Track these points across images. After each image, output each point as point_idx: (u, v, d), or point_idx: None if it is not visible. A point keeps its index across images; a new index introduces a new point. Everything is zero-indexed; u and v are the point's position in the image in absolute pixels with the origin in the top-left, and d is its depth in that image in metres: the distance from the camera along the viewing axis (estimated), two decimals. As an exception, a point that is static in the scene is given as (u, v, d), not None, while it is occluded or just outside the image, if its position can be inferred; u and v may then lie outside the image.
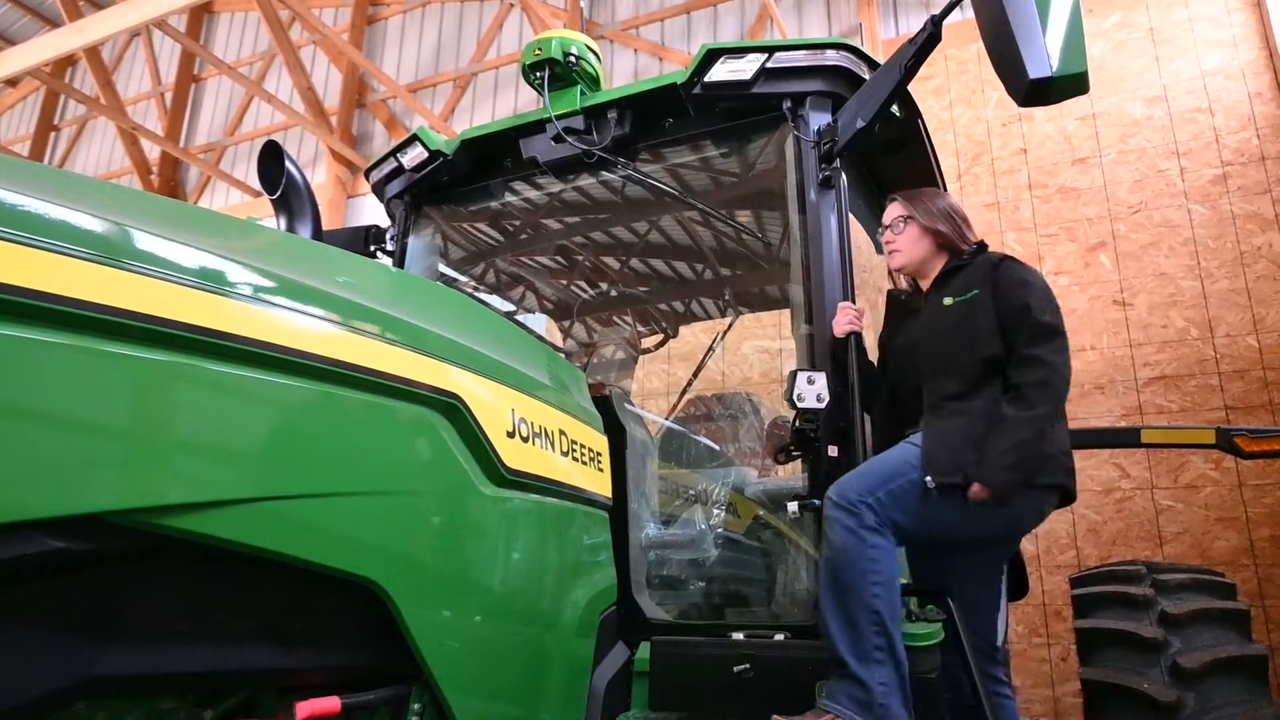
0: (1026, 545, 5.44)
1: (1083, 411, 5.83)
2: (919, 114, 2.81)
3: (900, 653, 1.95)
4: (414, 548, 1.44)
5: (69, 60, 11.62)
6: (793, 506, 2.21)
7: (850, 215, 2.58)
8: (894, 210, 2.55)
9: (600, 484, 2.26)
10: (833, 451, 2.28)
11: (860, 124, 2.40)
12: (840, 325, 2.37)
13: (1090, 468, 5.76)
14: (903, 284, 2.79)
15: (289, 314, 1.27)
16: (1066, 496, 2.28)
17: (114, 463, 0.95)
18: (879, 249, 3.36)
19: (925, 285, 2.52)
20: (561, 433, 2.03)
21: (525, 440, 1.82)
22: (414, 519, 1.44)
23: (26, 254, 0.91)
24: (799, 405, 2.23)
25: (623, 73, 8.35)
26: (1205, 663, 2.70)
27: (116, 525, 0.96)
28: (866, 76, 2.59)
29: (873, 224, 3.16)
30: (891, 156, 2.96)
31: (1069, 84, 1.90)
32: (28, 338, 0.91)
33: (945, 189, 3.32)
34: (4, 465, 0.85)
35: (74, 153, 12.22)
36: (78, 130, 12.30)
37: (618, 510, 2.36)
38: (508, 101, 9.05)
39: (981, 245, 2.48)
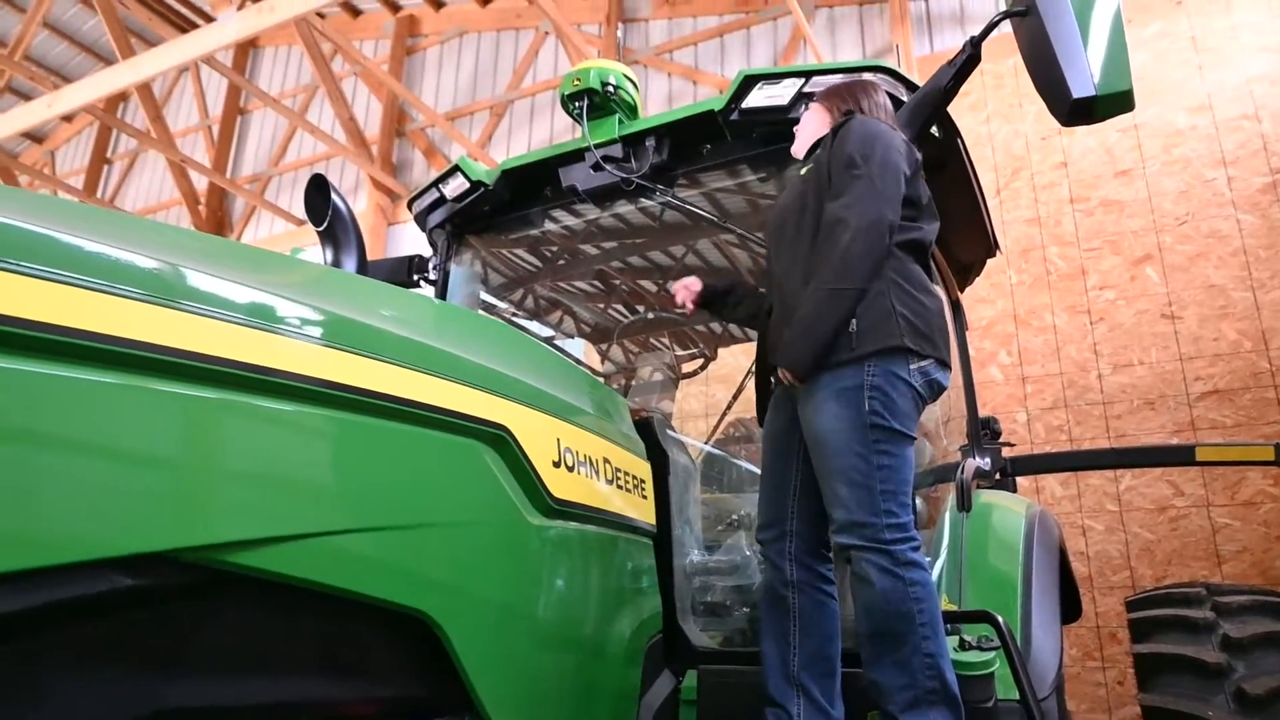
0: (1078, 566, 5.32)
1: (1133, 428, 5.70)
2: (958, 133, 2.79)
3: (953, 688, 1.84)
4: (465, 580, 1.45)
5: (121, 96, 12.00)
6: (838, 534, 2.18)
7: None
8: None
9: (644, 511, 2.26)
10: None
11: (899, 146, 2.39)
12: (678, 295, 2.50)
13: (1142, 485, 5.63)
14: None
15: (337, 349, 1.30)
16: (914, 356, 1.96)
17: (178, 500, 0.97)
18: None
19: None
20: (605, 460, 2.04)
21: (570, 469, 1.83)
22: (464, 551, 1.46)
23: (81, 295, 0.93)
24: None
25: (657, 97, 8.42)
26: (1271, 689, 2.61)
27: (180, 561, 0.98)
28: (904, 98, 2.58)
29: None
30: (931, 176, 2.94)
31: (1113, 102, 1.88)
32: (90, 379, 0.93)
33: (986, 206, 3.29)
34: (76, 504, 0.88)
35: (125, 185, 12.60)
36: (129, 163, 12.69)
37: (662, 537, 2.36)
38: (544, 127, 9.16)
39: (848, 113, 2.19)
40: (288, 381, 1.17)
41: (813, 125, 2.34)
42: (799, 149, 2.37)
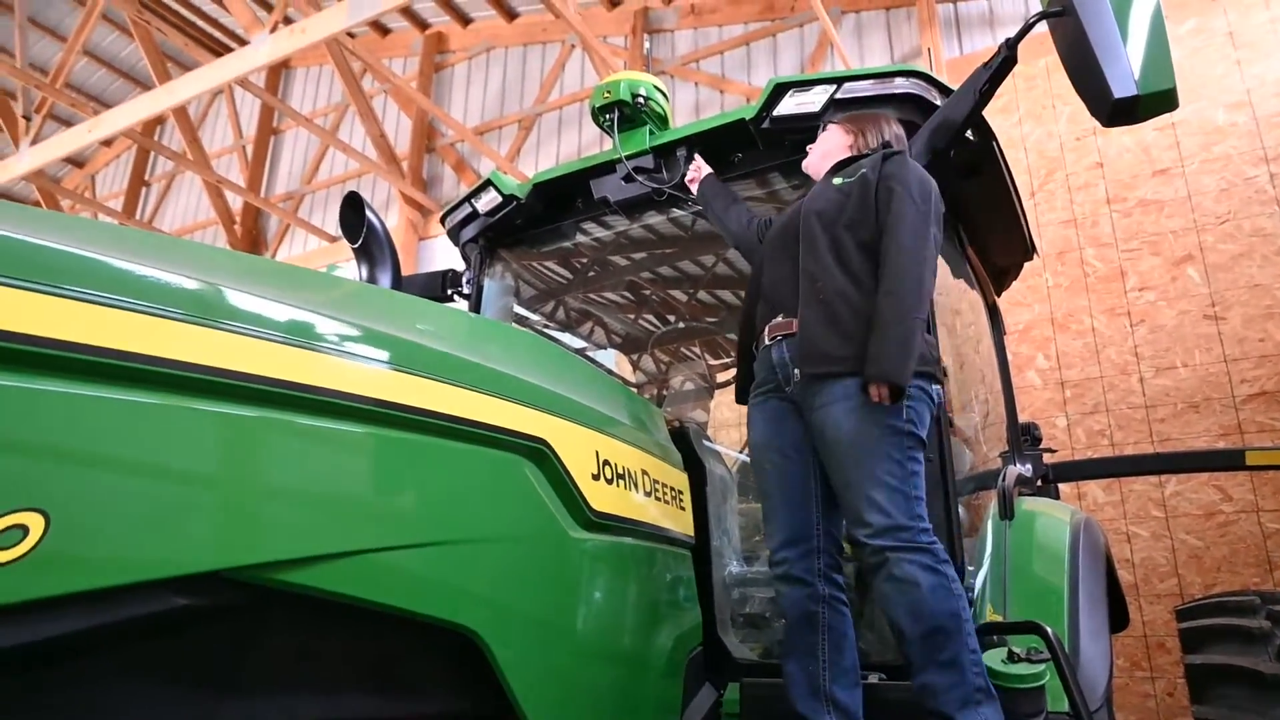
0: (1123, 574, 5.21)
1: (1177, 432, 5.58)
2: (993, 136, 2.76)
3: (992, 687, 1.88)
4: (508, 594, 1.45)
5: (158, 119, 12.26)
6: (881, 542, 2.15)
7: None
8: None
9: (682, 523, 2.25)
10: (919, 485, 2.22)
11: (934, 150, 2.37)
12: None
13: (1189, 490, 5.50)
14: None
15: (377, 366, 1.31)
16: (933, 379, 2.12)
17: (231, 519, 0.98)
18: (955, 273, 3.30)
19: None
20: (644, 472, 2.03)
21: (609, 482, 1.82)
22: (507, 566, 1.46)
23: (123, 318, 0.94)
24: (882, 438, 2.18)
25: (684, 106, 8.43)
26: (1332, 701, 2.53)
27: (233, 581, 0.99)
28: (938, 102, 2.56)
29: (950, 250, 3.10)
30: (966, 181, 2.91)
31: (1156, 101, 1.84)
32: (139, 401, 0.95)
33: (1023, 210, 3.25)
34: (133, 525, 0.89)
35: (163, 206, 12.86)
36: (167, 185, 12.95)
37: (700, 548, 2.35)
38: (572, 140, 9.21)
39: (885, 144, 2.33)
40: (330, 399, 1.18)
41: (833, 145, 2.40)
42: (817, 168, 2.42)
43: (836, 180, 2.24)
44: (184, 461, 0.95)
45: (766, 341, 2.24)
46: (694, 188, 2.78)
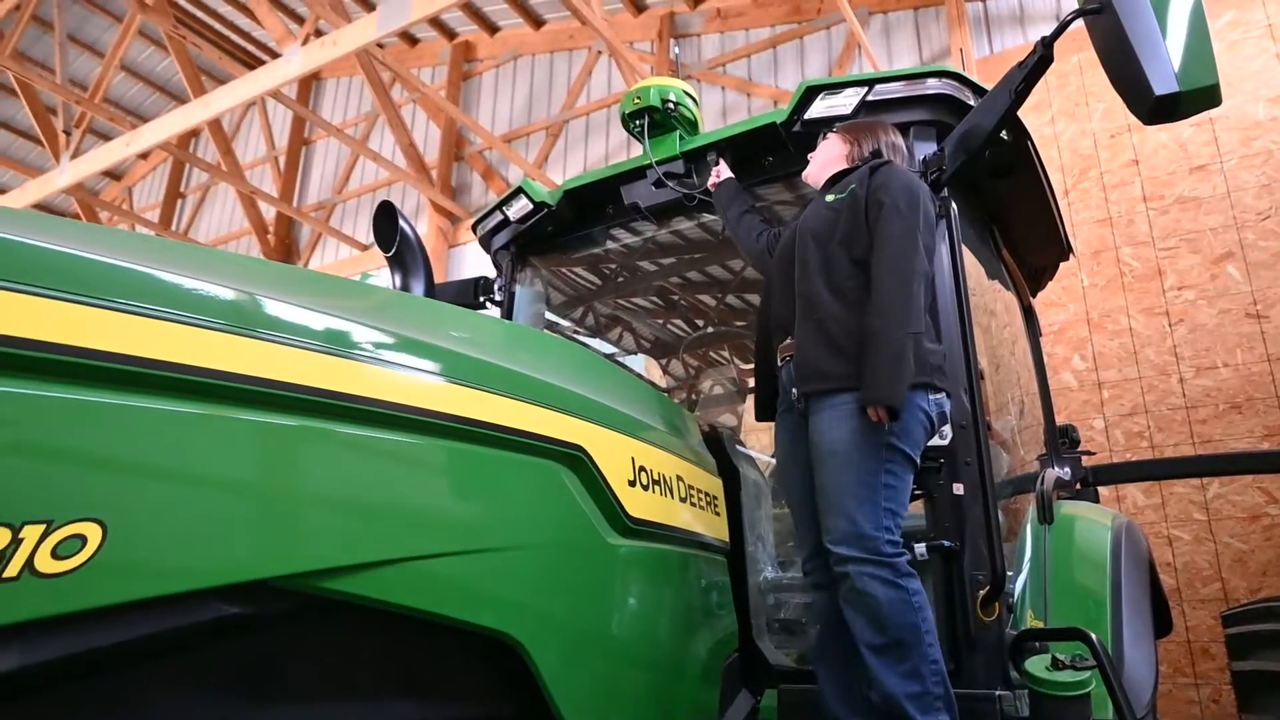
0: (1166, 578, 5.10)
1: (1219, 433, 5.46)
2: (1028, 135, 2.72)
3: (952, 694, 1.91)
4: (547, 601, 1.45)
5: (193, 132, 12.48)
6: (921, 549, 2.13)
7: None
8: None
9: (717, 528, 2.24)
10: (958, 490, 2.20)
11: (968, 151, 2.34)
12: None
13: (1232, 493, 5.38)
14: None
15: (415, 374, 1.32)
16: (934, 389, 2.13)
17: (277, 528, 1.00)
18: (990, 275, 3.26)
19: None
20: (679, 478, 2.03)
21: (645, 488, 1.82)
22: (546, 573, 1.46)
23: (169, 329, 0.96)
24: (921, 443, 2.16)
25: (710, 110, 8.42)
26: (1387, 710, 2.47)
27: (278, 589, 1.00)
28: (972, 102, 2.53)
29: (984, 251, 3.07)
30: (1000, 181, 2.87)
31: (1198, 98, 1.81)
32: (188, 412, 0.96)
33: (1058, 209, 3.20)
34: (186, 535, 0.90)
35: (199, 217, 13.08)
36: (201, 196, 13.18)
37: (735, 554, 2.34)
38: (599, 146, 9.23)
39: (875, 153, 2.35)
40: (372, 408, 1.19)
41: (831, 156, 2.42)
42: (816, 177, 2.45)
43: (829, 197, 2.28)
44: (232, 471, 0.97)
45: (779, 363, 2.30)
46: (711, 185, 2.81)
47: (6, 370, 0.81)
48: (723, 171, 2.79)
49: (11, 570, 0.74)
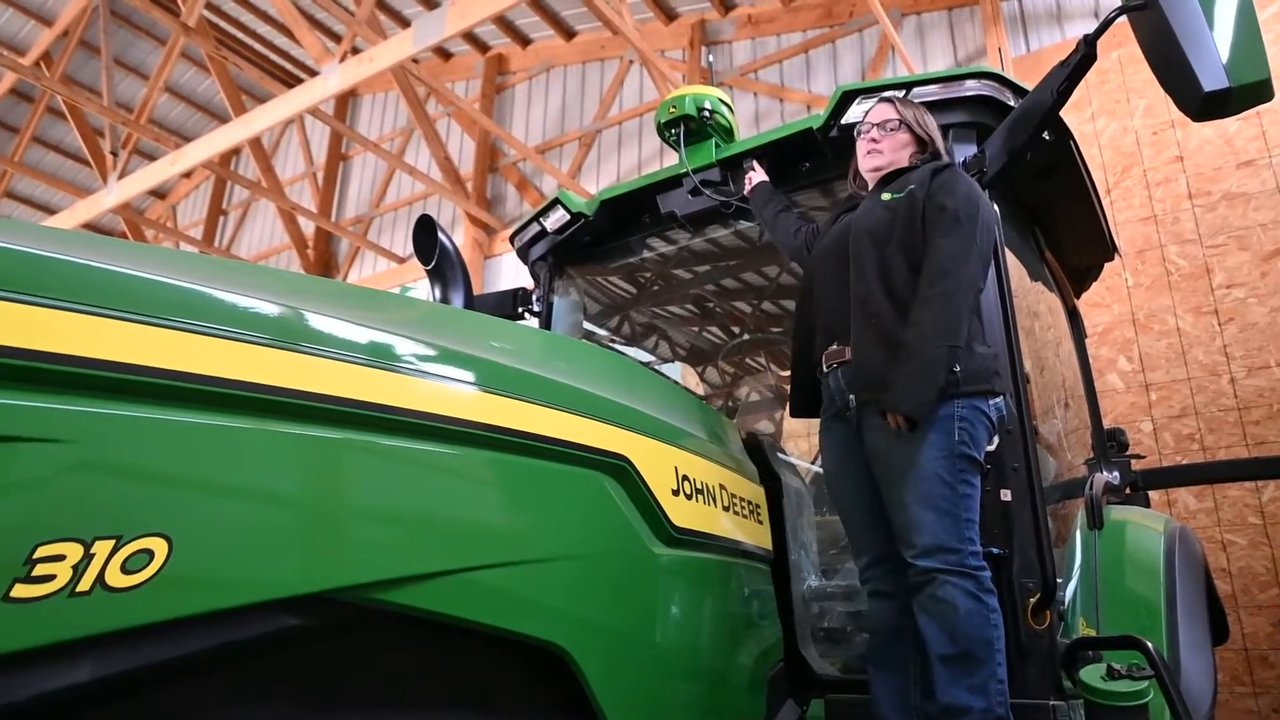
0: (1221, 584, 4.97)
1: (1274, 435, 5.31)
2: (1070, 135, 2.68)
3: (1010, 716, 1.88)
4: (594, 611, 1.45)
5: (234, 150, 12.75)
6: (968, 556, 2.09)
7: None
8: (886, 111, 2.40)
9: (760, 537, 2.23)
10: (1005, 496, 2.17)
11: (1010, 153, 2.31)
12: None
13: (1287, 496, 5.23)
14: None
15: (464, 386, 1.33)
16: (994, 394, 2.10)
17: (336, 541, 1.01)
18: (1033, 276, 3.21)
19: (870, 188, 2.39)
20: (721, 487, 2.02)
21: (689, 497, 1.82)
22: (593, 582, 1.47)
23: (213, 344, 0.97)
24: (967, 449, 2.13)
25: (743, 117, 8.40)
26: None
27: (335, 601, 1.02)
28: (1012, 103, 2.50)
29: (1025, 252, 3.02)
30: (1043, 182, 2.83)
31: (1250, 93, 1.77)
32: (246, 427, 0.98)
33: (1103, 209, 3.15)
34: (244, 548, 0.92)
35: (240, 233, 13.35)
36: (243, 212, 13.45)
37: (779, 563, 2.33)
38: (632, 154, 9.26)
39: (935, 153, 2.32)
40: (419, 420, 1.21)
41: (900, 156, 2.35)
42: (878, 169, 2.37)
43: (885, 195, 2.22)
44: (288, 485, 0.99)
45: (825, 370, 2.25)
46: (746, 188, 2.81)
47: (74, 390, 0.83)
48: (755, 175, 2.77)
49: (84, 585, 0.77)
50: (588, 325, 3.92)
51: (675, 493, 1.76)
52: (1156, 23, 1.88)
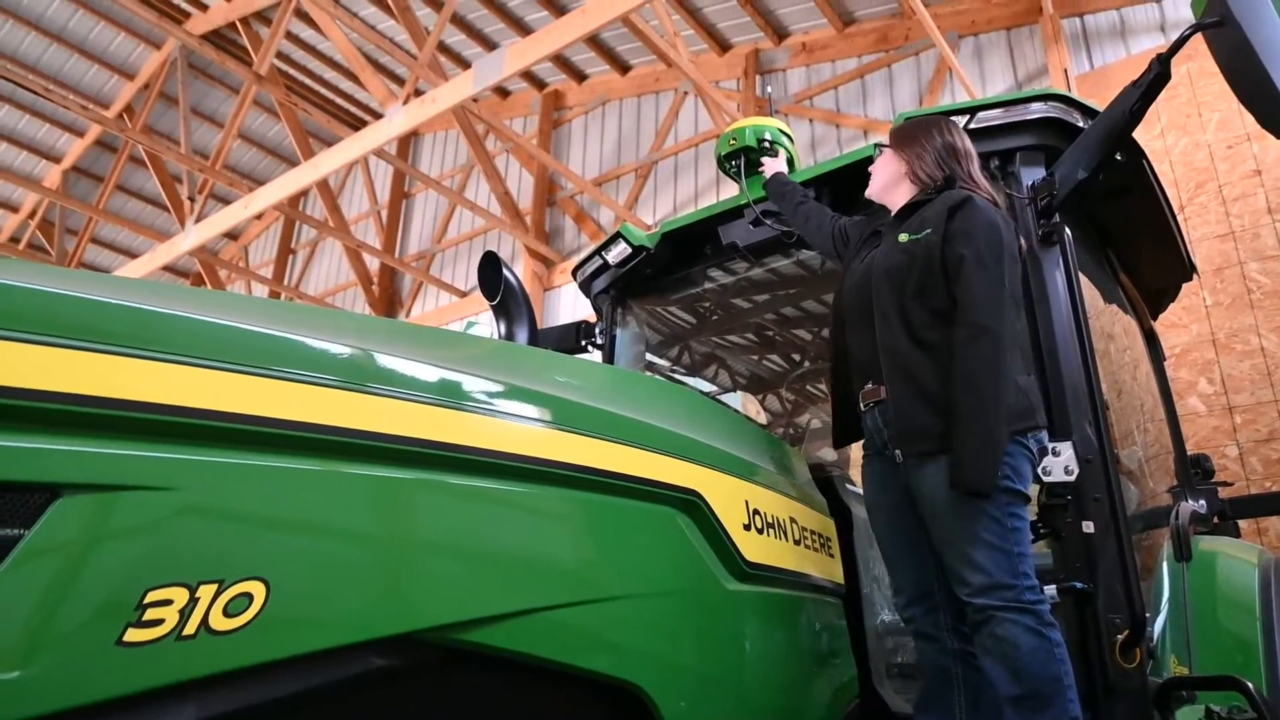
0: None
1: (1371, 459, 5.04)
2: (1143, 154, 2.61)
3: None
4: (670, 648, 1.45)
5: (302, 191, 13.21)
6: (1051, 590, 2.03)
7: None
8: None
9: (832, 571, 2.20)
10: (1088, 528, 2.10)
11: (1082, 175, 2.26)
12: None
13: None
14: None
15: (539, 425, 1.35)
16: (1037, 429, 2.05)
17: (421, 583, 1.03)
18: (1107, 299, 3.12)
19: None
20: (792, 520, 2.00)
21: (760, 532, 1.80)
22: (668, 619, 1.46)
23: (300, 390, 1.00)
24: (1045, 479, 2.08)
25: (798, 144, 8.37)
26: None
27: (421, 642, 1.03)
28: (1081, 124, 2.45)
29: (1099, 274, 2.95)
30: (1114, 202, 2.76)
31: (1337, 108, 1.70)
32: (336, 471, 1.00)
33: (1178, 228, 3.05)
34: (336, 590, 0.94)
35: (308, 271, 13.77)
36: (310, 251, 13.88)
37: (850, 597, 2.28)
38: (688, 185, 9.32)
39: (949, 180, 2.18)
40: (496, 460, 1.22)
41: (890, 175, 2.32)
42: (880, 196, 2.35)
43: (902, 237, 2.15)
44: (377, 528, 1.01)
45: (861, 408, 2.21)
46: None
47: (177, 438, 0.86)
48: (767, 167, 2.78)
49: (190, 628, 0.79)
50: (648, 356, 3.93)
51: (747, 527, 1.75)
52: (1233, 38, 1.84)
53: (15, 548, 0.73)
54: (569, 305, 9.58)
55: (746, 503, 1.79)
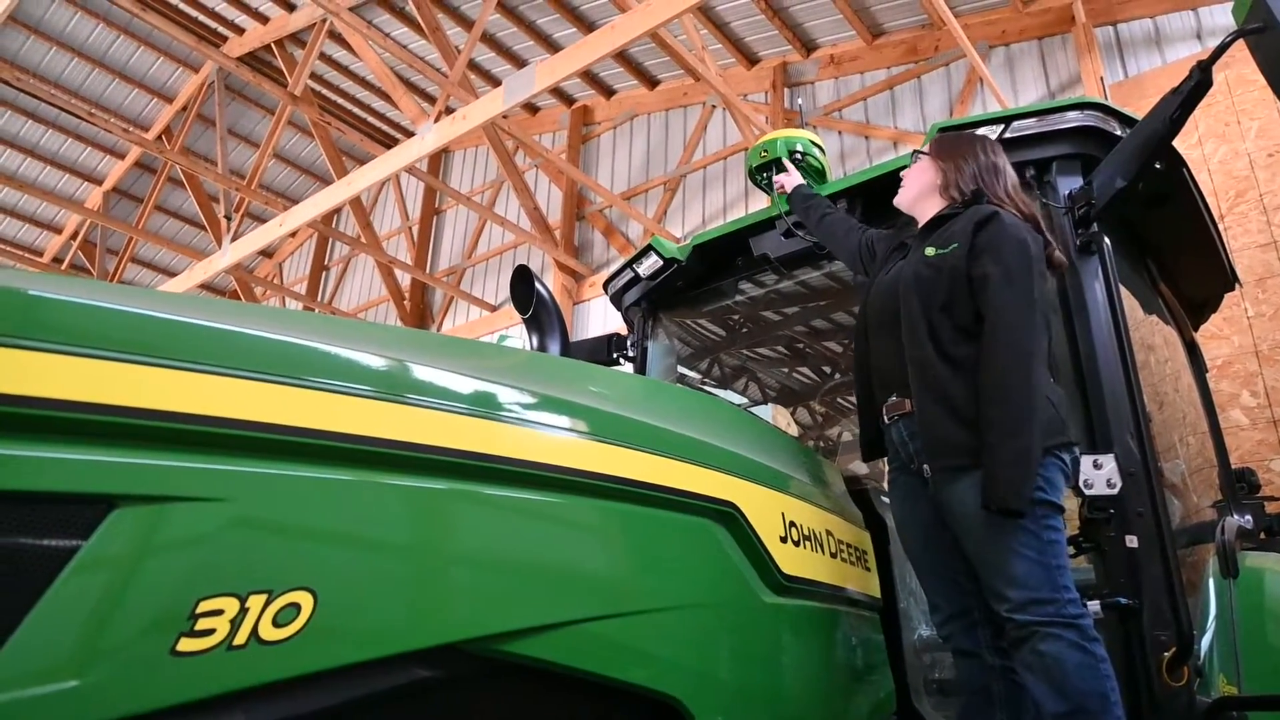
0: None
1: None
2: (1183, 163, 2.58)
3: None
4: (708, 661, 1.44)
5: (336, 209, 13.40)
6: (1094, 606, 1.99)
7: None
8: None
9: (869, 584, 2.17)
10: (1131, 542, 2.06)
11: (1121, 184, 2.24)
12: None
13: None
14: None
15: (578, 437, 1.35)
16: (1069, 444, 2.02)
17: (466, 593, 1.04)
18: (1146, 310, 3.07)
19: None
20: (828, 533, 1.98)
21: (797, 544, 1.79)
22: (706, 632, 1.45)
23: (345, 402, 1.01)
24: (1087, 493, 2.04)
25: (828, 156, 8.37)
26: None
27: (463, 652, 1.04)
28: (1118, 133, 2.43)
29: (1139, 285, 2.90)
30: (1154, 211, 2.72)
31: (1387, 113, 1.67)
32: (379, 482, 1.01)
33: (1220, 237, 3.00)
34: (382, 601, 0.95)
35: (341, 287, 13.94)
36: (344, 267, 14.06)
37: (887, 611, 2.26)
38: (716, 198, 9.33)
39: (976, 194, 2.15)
40: (537, 471, 1.23)
41: (924, 185, 2.29)
42: (909, 206, 2.33)
43: (929, 251, 2.12)
44: (422, 539, 1.02)
45: (886, 420, 2.19)
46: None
47: (227, 450, 0.88)
48: (787, 180, 2.77)
49: (240, 638, 0.80)
50: (679, 368, 3.93)
51: (784, 540, 1.74)
52: (1277, 44, 1.81)
53: (74, 557, 0.75)
54: (598, 319, 9.61)
55: (783, 515, 1.78)
